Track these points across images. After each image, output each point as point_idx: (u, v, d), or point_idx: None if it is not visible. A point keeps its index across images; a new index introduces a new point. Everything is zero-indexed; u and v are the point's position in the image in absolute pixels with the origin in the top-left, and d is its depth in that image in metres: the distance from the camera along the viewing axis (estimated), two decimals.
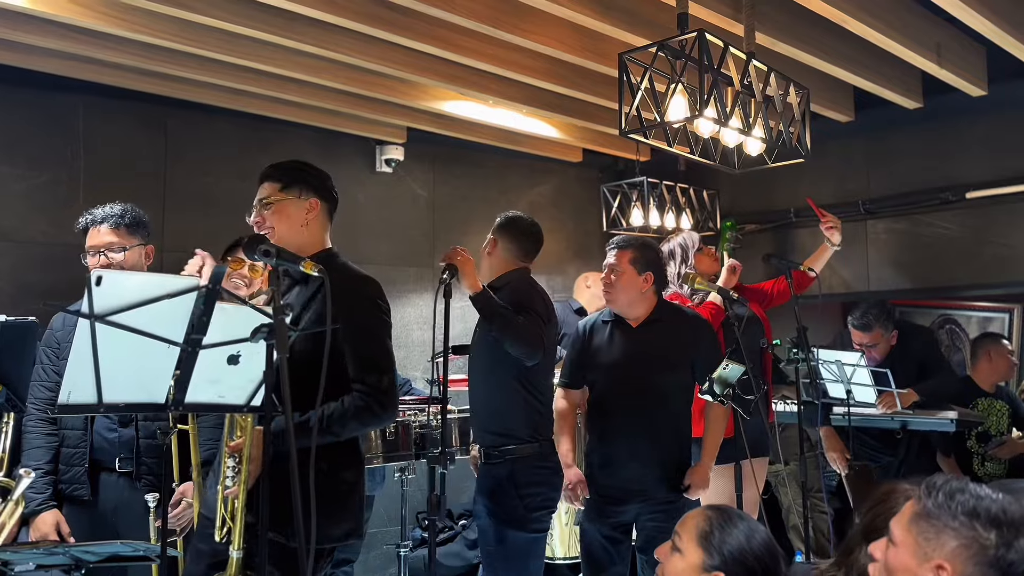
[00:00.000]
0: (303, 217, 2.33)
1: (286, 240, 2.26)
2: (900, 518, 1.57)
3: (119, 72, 3.72)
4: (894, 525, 1.58)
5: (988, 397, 4.32)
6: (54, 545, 2.33)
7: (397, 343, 4.90)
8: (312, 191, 2.35)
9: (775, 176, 4.63)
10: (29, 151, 3.86)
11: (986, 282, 4.86)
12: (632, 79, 3.01)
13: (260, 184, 2.37)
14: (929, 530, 1.51)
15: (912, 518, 1.54)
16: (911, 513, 1.55)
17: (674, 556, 1.92)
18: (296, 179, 2.34)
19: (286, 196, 2.32)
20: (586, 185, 5.85)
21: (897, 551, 1.55)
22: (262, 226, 2.31)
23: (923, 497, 1.54)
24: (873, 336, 4.14)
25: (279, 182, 2.34)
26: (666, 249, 3.69)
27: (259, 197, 2.35)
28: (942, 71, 3.88)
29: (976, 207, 4.76)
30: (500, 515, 2.95)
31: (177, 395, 1.91)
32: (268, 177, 2.36)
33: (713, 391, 2.99)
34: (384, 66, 3.70)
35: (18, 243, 3.80)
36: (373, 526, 4.20)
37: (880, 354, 4.17)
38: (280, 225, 2.30)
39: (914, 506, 1.55)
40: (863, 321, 4.16)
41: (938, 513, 1.51)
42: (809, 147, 3.49)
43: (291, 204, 2.31)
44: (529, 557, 2.98)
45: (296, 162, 2.42)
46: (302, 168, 2.40)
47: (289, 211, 2.31)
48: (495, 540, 2.96)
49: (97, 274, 1.73)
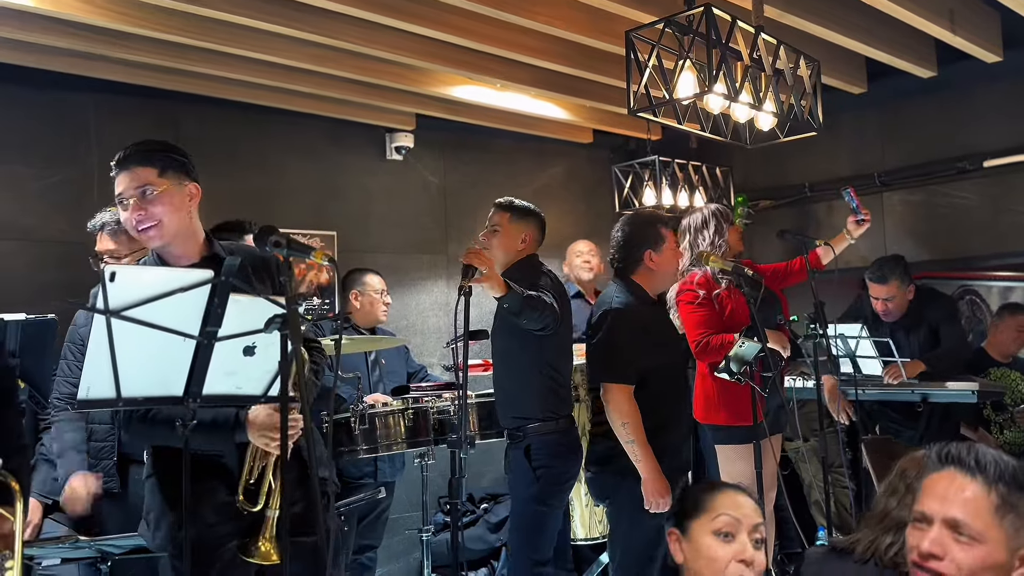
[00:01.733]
0: (187, 205, 2.15)
1: (175, 233, 2.12)
2: (974, 510, 1.42)
3: (129, 69, 3.73)
4: (965, 516, 1.43)
5: (1001, 367, 4.28)
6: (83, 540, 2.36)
7: (413, 330, 4.96)
8: (188, 175, 2.16)
9: (788, 151, 4.59)
10: (43, 150, 3.89)
11: (1005, 251, 4.80)
12: (640, 57, 2.99)
13: (123, 170, 2.10)
14: (1016, 519, 1.41)
15: (996, 510, 1.42)
16: (991, 504, 1.42)
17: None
18: (173, 163, 2.13)
19: (168, 182, 2.10)
20: (597, 166, 5.82)
21: (985, 549, 1.41)
22: (145, 219, 2.09)
23: (994, 483, 1.43)
24: (889, 288, 4.07)
25: (155, 167, 2.10)
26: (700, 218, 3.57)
27: (132, 185, 2.08)
28: (956, 38, 3.81)
29: (994, 175, 4.69)
30: (517, 490, 3.05)
31: (194, 387, 1.92)
32: (139, 162, 2.09)
33: (729, 369, 2.97)
34: (391, 53, 3.69)
35: (35, 242, 3.84)
36: (395, 512, 4.22)
37: (897, 308, 4.10)
38: (169, 216, 2.10)
39: (990, 496, 1.43)
40: (879, 274, 4.10)
41: (1016, 497, 1.43)
42: (821, 120, 3.46)
43: (175, 191, 2.11)
44: (539, 531, 3.03)
45: (165, 143, 2.19)
46: (175, 149, 2.18)
47: (175, 199, 2.11)
48: (512, 513, 3.08)
49: (111, 270, 1.75)
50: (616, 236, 3.15)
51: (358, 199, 4.87)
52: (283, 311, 1.81)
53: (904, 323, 4.11)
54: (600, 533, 3.95)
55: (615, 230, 3.17)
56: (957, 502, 1.44)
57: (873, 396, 4.06)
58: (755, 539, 1.79)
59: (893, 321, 4.12)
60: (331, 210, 4.73)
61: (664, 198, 5.15)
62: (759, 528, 1.80)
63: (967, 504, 1.43)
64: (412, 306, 5.02)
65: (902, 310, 4.11)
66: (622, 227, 3.14)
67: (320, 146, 4.75)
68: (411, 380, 4.14)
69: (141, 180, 2.08)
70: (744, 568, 1.75)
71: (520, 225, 3.12)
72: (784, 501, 3.76)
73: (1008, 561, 1.42)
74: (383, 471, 3.88)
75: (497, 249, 3.10)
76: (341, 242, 4.66)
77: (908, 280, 4.12)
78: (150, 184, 2.08)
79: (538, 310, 2.85)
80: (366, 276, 4.02)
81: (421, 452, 3.74)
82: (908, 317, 4.12)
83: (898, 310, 4.10)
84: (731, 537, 1.78)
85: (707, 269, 3.45)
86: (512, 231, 3.12)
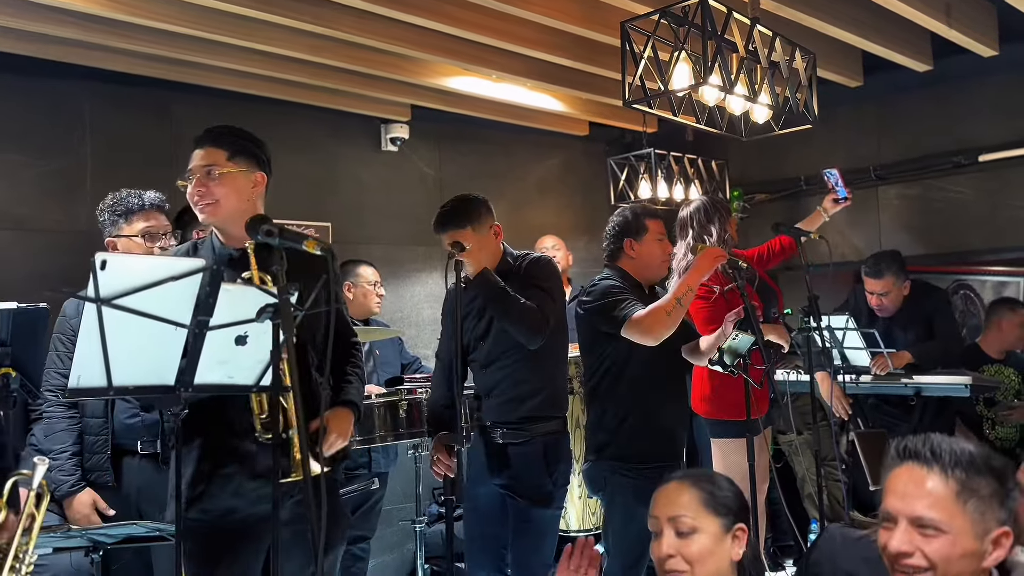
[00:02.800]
0: (249, 192, 2.19)
1: (230, 215, 2.16)
2: (936, 501, 1.43)
3: (123, 57, 3.71)
4: (926, 511, 1.43)
5: (996, 363, 4.29)
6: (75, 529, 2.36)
7: (408, 322, 4.95)
8: (257, 164, 2.22)
9: (784, 145, 4.58)
10: (37, 138, 3.87)
11: (1001, 246, 4.81)
12: (635, 48, 2.98)
13: (198, 148, 2.18)
14: (979, 503, 1.43)
15: (956, 496, 1.43)
16: (949, 492, 1.43)
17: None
18: (244, 149, 2.20)
19: (235, 167, 2.17)
20: (593, 159, 5.81)
21: (952, 539, 1.42)
22: (205, 196, 2.15)
23: (951, 470, 1.44)
24: (884, 284, 4.07)
25: (226, 150, 2.17)
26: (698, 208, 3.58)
27: (201, 163, 2.16)
28: (952, 32, 3.81)
29: (989, 170, 4.70)
30: (528, 494, 2.85)
31: (186, 376, 1.92)
32: (212, 142, 2.18)
33: (723, 361, 2.98)
34: (386, 43, 3.68)
35: (29, 231, 3.83)
36: (389, 503, 4.23)
37: (892, 303, 4.11)
38: (227, 198, 2.16)
39: (948, 483, 1.44)
40: (875, 268, 4.10)
41: (975, 482, 1.43)
42: (817, 113, 3.46)
43: (240, 176, 2.17)
44: (550, 535, 2.96)
45: (241, 130, 2.26)
46: (250, 137, 2.25)
47: (238, 183, 2.17)
48: (519, 519, 2.87)
49: (102, 258, 1.74)
50: (607, 228, 3.20)
51: (353, 190, 4.86)
52: (275, 300, 1.81)
53: (899, 319, 4.11)
54: (593, 524, 3.97)
55: (608, 222, 3.21)
56: (917, 496, 1.45)
57: (866, 389, 4.07)
58: (677, 530, 1.79)
59: (888, 316, 4.13)
60: (326, 201, 4.72)
61: (660, 191, 5.15)
62: (679, 519, 1.79)
63: (927, 497, 1.44)
64: (407, 298, 5.02)
65: (897, 305, 4.12)
66: (612, 218, 3.19)
67: (315, 137, 4.73)
68: (405, 372, 4.15)
69: (210, 159, 2.16)
70: (672, 561, 1.76)
71: (482, 229, 2.88)
72: (777, 494, 3.77)
73: (978, 546, 1.42)
74: (377, 462, 3.89)
75: (483, 259, 2.86)
76: (336, 233, 4.65)
77: (904, 276, 4.12)
78: (217, 165, 2.15)
79: (514, 316, 2.73)
80: (359, 268, 4.02)
81: (415, 443, 3.75)
82: (903, 312, 4.13)
83: (893, 305, 4.11)
84: (659, 536, 1.81)
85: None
86: (481, 238, 2.86)
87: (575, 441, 3.83)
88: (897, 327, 4.12)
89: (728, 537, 1.80)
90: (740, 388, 3.20)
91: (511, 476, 2.87)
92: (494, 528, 2.93)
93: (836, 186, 3.85)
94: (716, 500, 1.81)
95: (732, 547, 1.80)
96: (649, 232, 3.10)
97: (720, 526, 1.79)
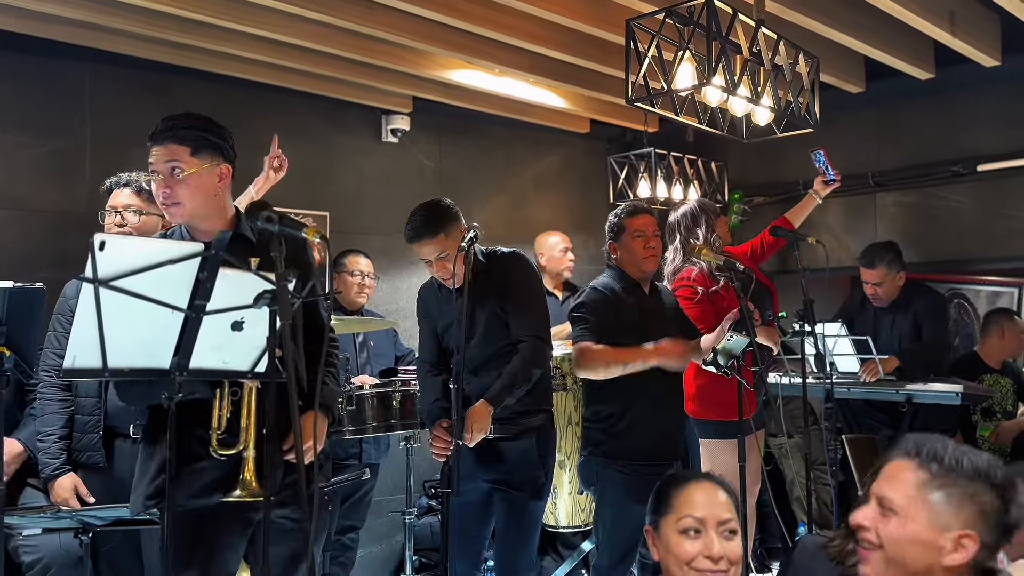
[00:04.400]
0: (215, 187, 2.12)
1: (195, 213, 2.11)
2: (900, 485, 1.49)
3: (125, 39, 3.70)
4: (890, 492, 1.50)
5: (994, 373, 4.30)
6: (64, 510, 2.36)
7: (404, 313, 4.94)
8: (222, 155, 2.13)
9: (784, 148, 4.59)
10: (36, 119, 3.85)
11: (997, 256, 4.83)
12: (640, 46, 2.98)
13: (157, 144, 2.08)
14: (947, 499, 1.44)
15: (920, 485, 1.47)
16: (917, 480, 1.47)
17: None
18: (206, 143, 2.10)
19: (199, 163, 2.08)
20: (593, 156, 5.81)
21: (903, 521, 1.47)
22: (170, 197, 2.08)
23: (927, 463, 1.48)
24: (877, 273, 4.10)
25: (188, 145, 2.08)
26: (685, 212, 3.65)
27: (162, 161, 2.07)
28: (955, 40, 3.82)
29: (988, 180, 4.71)
30: (524, 486, 2.88)
31: (182, 360, 1.92)
32: (173, 138, 2.07)
33: (716, 362, 2.98)
34: (389, 33, 3.67)
35: (27, 211, 3.81)
36: (379, 494, 4.23)
37: (886, 293, 4.13)
38: (192, 199, 2.09)
39: (919, 472, 1.48)
40: (868, 259, 4.14)
41: (954, 480, 1.45)
42: (818, 116, 3.46)
43: (204, 173, 2.09)
44: (538, 527, 3.00)
45: (203, 119, 2.14)
46: (212, 128, 2.14)
47: (203, 181, 2.09)
48: (514, 513, 2.89)
49: (100, 239, 1.74)
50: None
51: (352, 180, 4.85)
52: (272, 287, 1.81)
53: (891, 310, 4.13)
54: (582, 521, 3.98)
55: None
56: (888, 479, 1.53)
57: (858, 395, 4.09)
58: (723, 532, 1.80)
59: (881, 307, 4.15)
60: (324, 191, 4.71)
61: (659, 191, 5.15)
62: (728, 523, 1.81)
63: (894, 480, 1.51)
64: (403, 289, 5.01)
65: (891, 296, 4.14)
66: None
67: (315, 126, 4.72)
68: (399, 363, 4.14)
69: (171, 156, 2.07)
70: (711, 563, 1.76)
71: (455, 234, 2.84)
72: (767, 496, 3.79)
73: (933, 538, 1.45)
74: (368, 453, 3.89)
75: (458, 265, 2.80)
76: (334, 223, 4.65)
77: (898, 266, 4.14)
78: (180, 163, 2.07)
79: (522, 381, 2.79)
80: (346, 257, 4.02)
81: (407, 435, 3.75)
82: (896, 305, 4.15)
83: (887, 295, 4.14)
84: (699, 534, 1.80)
85: (702, 265, 3.48)
86: (455, 244, 2.79)
87: (568, 438, 3.84)
88: (887, 319, 4.15)
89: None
90: (726, 388, 3.23)
91: (506, 471, 2.88)
92: (475, 525, 2.97)
93: (823, 167, 3.93)
94: (737, 503, 1.86)
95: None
96: (626, 232, 3.16)
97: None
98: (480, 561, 3.05)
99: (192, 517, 2.09)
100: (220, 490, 2.07)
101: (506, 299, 2.86)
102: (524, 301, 2.87)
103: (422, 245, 2.85)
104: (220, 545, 2.13)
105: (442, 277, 2.88)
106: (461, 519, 2.96)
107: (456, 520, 2.97)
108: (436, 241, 2.82)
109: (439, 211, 2.87)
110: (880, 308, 4.20)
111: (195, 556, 2.10)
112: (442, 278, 2.89)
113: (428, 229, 2.82)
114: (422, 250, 2.86)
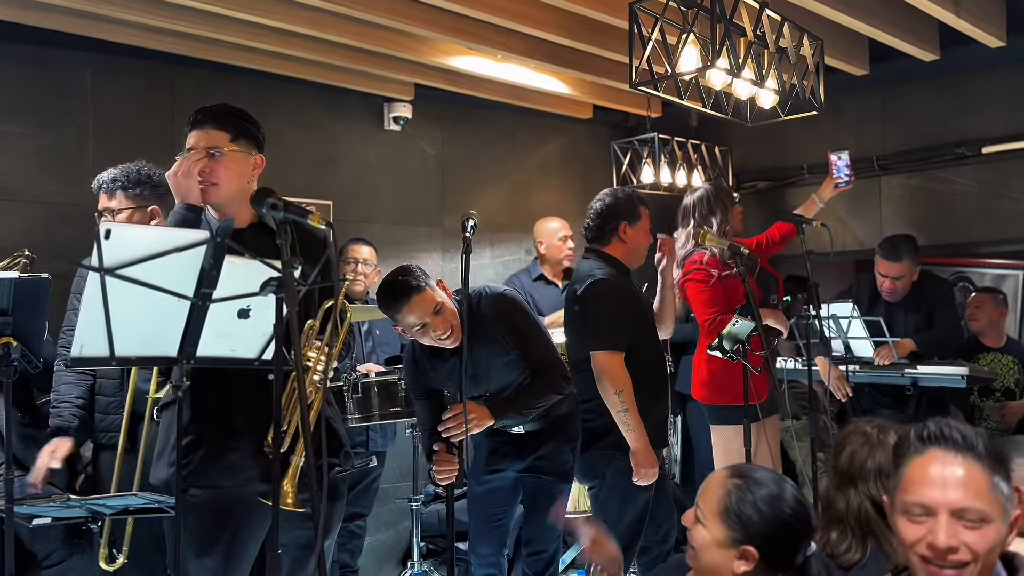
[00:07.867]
0: (250, 174, 2.20)
1: (230, 196, 2.16)
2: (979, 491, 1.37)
3: (126, 29, 3.68)
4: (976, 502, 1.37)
5: (992, 351, 4.29)
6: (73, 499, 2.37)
7: None
8: (257, 146, 2.22)
9: (788, 132, 4.58)
10: (38, 110, 3.84)
11: (1002, 238, 4.81)
12: (643, 30, 2.97)
13: (197, 128, 2.16)
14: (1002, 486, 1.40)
15: (992, 484, 1.39)
16: (988, 479, 1.39)
17: (698, 527, 1.76)
18: (245, 131, 2.19)
19: (236, 148, 2.17)
20: (596, 142, 5.79)
21: (996, 527, 1.38)
22: (210, 177, 2.14)
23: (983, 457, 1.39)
24: (901, 267, 4.00)
25: (228, 132, 2.16)
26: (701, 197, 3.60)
27: (203, 144, 2.14)
28: (960, 21, 3.79)
29: (992, 162, 4.69)
30: (555, 470, 2.98)
31: (188, 348, 1.92)
32: (214, 123, 2.16)
33: (722, 347, 2.98)
34: (390, 19, 3.64)
35: (29, 202, 3.81)
36: (386, 481, 4.24)
37: (904, 288, 4.07)
38: (230, 181, 2.16)
39: (984, 471, 1.39)
40: (894, 252, 4.00)
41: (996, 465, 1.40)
42: (823, 100, 3.44)
43: (242, 158, 2.18)
44: (566, 504, 3.11)
45: (241, 110, 2.25)
46: (249, 119, 2.24)
47: (240, 165, 2.17)
48: (543, 496, 2.97)
49: (106, 227, 1.74)
50: (595, 206, 3.15)
51: (354, 169, 4.84)
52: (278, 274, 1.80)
53: (904, 304, 4.10)
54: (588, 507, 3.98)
55: (594, 200, 3.17)
56: (956, 486, 1.35)
57: (863, 378, 4.08)
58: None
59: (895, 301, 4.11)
60: (327, 179, 4.70)
61: (662, 176, 5.14)
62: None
63: (967, 486, 1.35)
64: None
65: (907, 290, 4.10)
66: (602, 198, 3.16)
67: (317, 114, 4.70)
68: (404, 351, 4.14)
69: (212, 141, 2.15)
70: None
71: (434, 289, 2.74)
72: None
73: (1005, 532, 1.37)
74: (374, 440, 3.90)
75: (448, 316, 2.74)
76: (337, 211, 4.64)
77: (917, 261, 4.10)
78: (219, 146, 2.14)
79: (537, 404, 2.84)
80: (347, 246, 4.02)
81: (412, 423, 3.75)
82: (909, 298, 4.13)
83: (904, 290, 4.09)
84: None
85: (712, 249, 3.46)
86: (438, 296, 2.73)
87: None
88: (900, 312, 4.12)
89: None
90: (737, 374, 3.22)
91: (538, 458, 2.96)
92: (501, 512, 3.05)
93: (841, 171, 3.84)
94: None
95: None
96: (642, 220, 3.13)
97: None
98: (504, 545, 3.11)
99: (221, 500, 2.11)
100: (257, 479, 2.11)
101: (509, 342, 2.85)
102: (531, 344, 2.88)
103: (410, 310, 2.67)
104: (244, 534, 2.16)
105: (440, 335, 2.71)
106: (488, 505, 3.02)
107: (483, 507, 3.03)
108: (423, 296, 2.66)
109: (411, 277, 2.70)
110: (892, 303, 4.15)
111: (219, 542, 2.13)
112: (438, 338, 2.72)
113: (407, 291, 2.67)
114: (410, 316, 2.68)
